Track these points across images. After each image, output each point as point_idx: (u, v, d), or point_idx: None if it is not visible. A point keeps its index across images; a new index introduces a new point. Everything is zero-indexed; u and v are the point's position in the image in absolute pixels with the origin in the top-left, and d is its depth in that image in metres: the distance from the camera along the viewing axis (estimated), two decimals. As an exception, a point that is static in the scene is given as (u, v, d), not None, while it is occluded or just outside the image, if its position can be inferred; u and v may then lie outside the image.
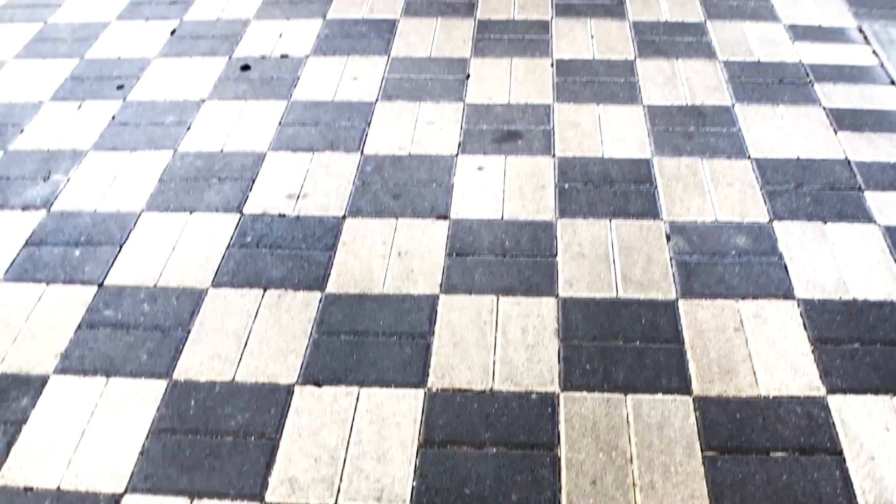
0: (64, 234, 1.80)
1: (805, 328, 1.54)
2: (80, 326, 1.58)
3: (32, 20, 2.64)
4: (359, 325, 1.56)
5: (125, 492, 1.31)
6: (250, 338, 1.55)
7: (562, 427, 1.38)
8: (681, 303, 1.59)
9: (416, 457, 1.34)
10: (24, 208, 1.88)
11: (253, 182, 1.90)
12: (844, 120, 2.06)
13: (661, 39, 2.38)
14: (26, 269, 1.72)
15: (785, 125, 2.04)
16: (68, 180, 1.95)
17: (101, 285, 1.67)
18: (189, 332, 1.56)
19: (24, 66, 2.40)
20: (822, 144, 1.98)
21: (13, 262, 1.74)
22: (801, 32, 2.42)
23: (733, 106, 2.11)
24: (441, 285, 1.64)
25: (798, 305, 1.58)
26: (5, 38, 2.53)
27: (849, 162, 1.93)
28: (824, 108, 2.10)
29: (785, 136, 2.00)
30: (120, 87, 2.27)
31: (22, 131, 2.13)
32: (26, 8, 2.71)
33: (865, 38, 2.40)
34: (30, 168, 2.00)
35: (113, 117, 2.16)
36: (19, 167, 2.00)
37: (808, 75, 2.23)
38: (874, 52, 2.34)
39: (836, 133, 2.02)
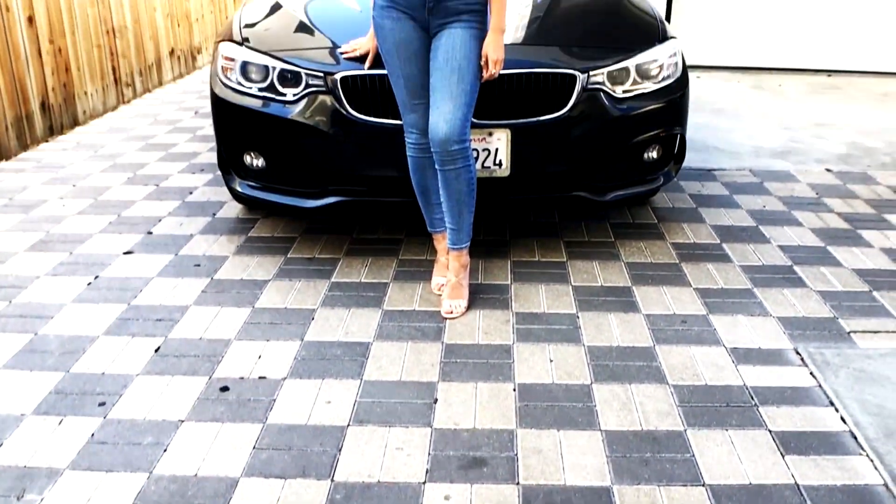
0: (28, 565, 1.79)
1: None
2: None
3: (24, 331, 2.79)
4: None
5: None
6: None
7: None
8: None
9: None
10: (-7, 532, 1.88)
11: (224, 510, 1.94)
12: (790, 443, 2.19)
13: (614, 364, 2.57)
14: None
15: (735, 450, 2.16)
16: (42, 500, 1.97)
17: None
18: None
19: (11, 377, 2.50)
20: (771, 469, 2.09)
21: None
22: (742, 355, 2.63)
23: (685, 431, 2.24)
24: None
25: None
26: (-5, 349, 2.66)
27: (798, 486, 2.02)
28: (770, 432, 2.24)
29: (736, 461, 2.12)
30: (102, 404, 2.36)
31: (1, 445, 2.18)
32: (19, 318, 2.87)
33: (802, 359, 2.61)
34: (4, 485, 2.02)
35: (92, 435, 2.22)
36: (-7, 485, 2.03)
37: (752, 398, 2.39)
38: (811, 373, 2.53)
39: (783, 457, 2.13)
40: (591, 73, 3.12)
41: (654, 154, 3.38)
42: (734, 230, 3.68)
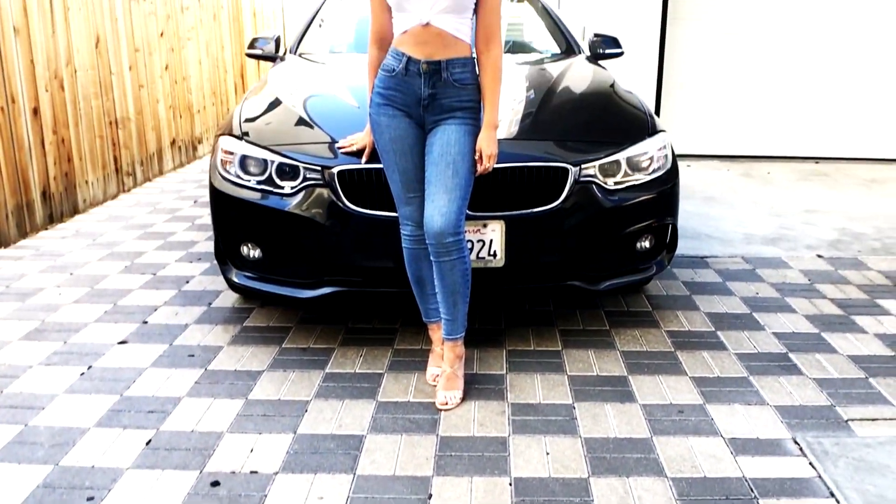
0: None
1: None
2: None
3: (14, 422, 2.75)
4: None
5: None
6: None
7: None
8: None
9: None
10: None
11: None
12: (792, 538, 2.16)
13: (611, 456, 2.54)
14: None
15: (735, 546, 2.12)
16: None
17: None
18: None
19: (-1, 471, 2.47)
20: (773, 567, 2.05)
21: None
22: (740, 446, 2.60)
23: (684, 526, 2.21)
24: None
25: None
26: (-16, 440, 2.63)
27: (801, 585, 1.98)
28: (771, 527, 2.21)
29: (736, 558, 2.08)
30: (90, 499, 2.32)
31: (-16, 544, 2.14)
32: (9, 409, 2.85)
33: (801, 449, 2.58)
34: (-16, 590, 1.97)
35: (78, 533, 2.18)
36: (-27, 590, 1.98)
37: (752, 490, 2.36)
38: (810, 463, 2.50)
39: (785, 553, 2.10)
40: (583, 166, 3.19)
41: (646, 243, 3.43)
42: (728, 317, 3.69)
